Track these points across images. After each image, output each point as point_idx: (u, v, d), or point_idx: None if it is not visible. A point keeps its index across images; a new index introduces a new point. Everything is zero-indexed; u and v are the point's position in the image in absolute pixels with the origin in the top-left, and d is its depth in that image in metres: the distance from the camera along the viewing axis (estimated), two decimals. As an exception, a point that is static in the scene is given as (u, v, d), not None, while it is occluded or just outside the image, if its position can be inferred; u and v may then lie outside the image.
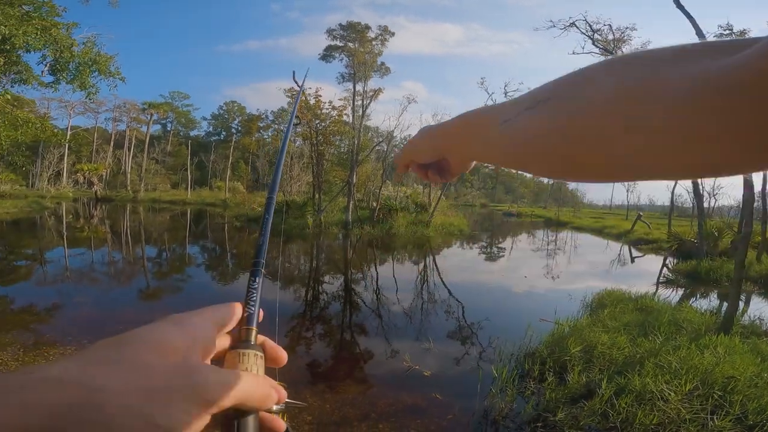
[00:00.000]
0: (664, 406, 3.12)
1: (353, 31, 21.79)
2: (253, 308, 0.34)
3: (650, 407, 3.14)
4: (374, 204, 19.94)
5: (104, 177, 39.49)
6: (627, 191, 46.09)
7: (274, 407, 0.31)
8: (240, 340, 0.32)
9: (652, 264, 14.20)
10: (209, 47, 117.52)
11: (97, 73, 9.01)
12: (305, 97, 17.52)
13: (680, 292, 9.27)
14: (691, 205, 24.42)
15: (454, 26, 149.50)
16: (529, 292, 8.92)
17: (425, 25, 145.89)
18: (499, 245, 18.74)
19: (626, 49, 13.92)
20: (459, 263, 12.71)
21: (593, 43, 15.14)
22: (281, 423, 0.32)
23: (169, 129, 56.49)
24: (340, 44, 22.29)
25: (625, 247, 18.57)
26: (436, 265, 11.78)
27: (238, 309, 0.33)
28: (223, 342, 0.31)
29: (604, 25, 15.30)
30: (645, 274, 11.67)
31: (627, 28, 15.63)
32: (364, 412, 3.48)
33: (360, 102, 20.62)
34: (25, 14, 7.91)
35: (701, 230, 12.33)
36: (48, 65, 8.61)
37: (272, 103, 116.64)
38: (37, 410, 0.20)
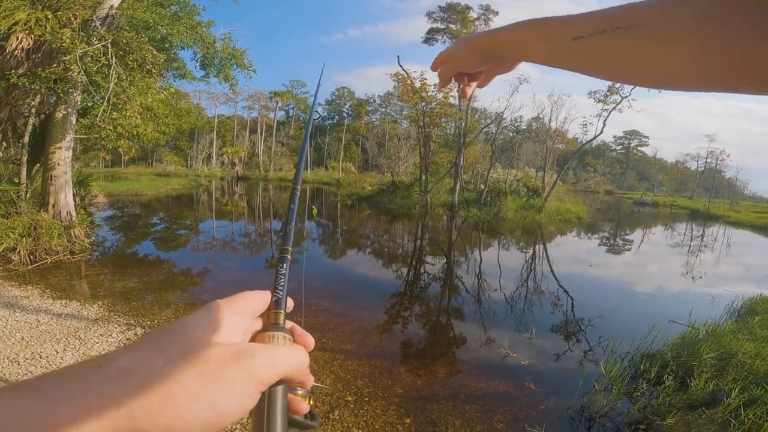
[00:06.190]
0: (799, 419, 2.70)
1: (453, 12, 20.96)
2: (281, 293, 0.35)
3: (782, 419, 2.74)
4: (482, 186, 19.34)
5: (243, 158, 45.60)
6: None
7: (300, 391, 0.32)
8: (269, 323, 0.33)
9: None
10: (316, 38, 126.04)
11: (235, 66, 10.16)
12: (410, 81, 17.60)
13: None
14: None
15: (559, 3, 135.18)
16: (657, 292, 7.94)
17: (526, 2, 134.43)
18: (625, 237, 16.64)
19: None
20: (573, 253, 11.69)
21: None
22: (305, 405, 0.33)
23: (290, 115, 62.36)
24: (442, 26, 21.65)
25: (800, 248, 14.98)
26: (546, 254, 11.04)
27: (268, 296, 0.35)
28: (255, 326, 0.33)
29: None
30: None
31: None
32: (452, 392, 3.56)
33: (467, 83, 19.91)
34: (175, 14, 9.16)
35: None
36: (198, 61, 9.82)
37: (377, 87, 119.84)
38: (119, 405, 0.21)
